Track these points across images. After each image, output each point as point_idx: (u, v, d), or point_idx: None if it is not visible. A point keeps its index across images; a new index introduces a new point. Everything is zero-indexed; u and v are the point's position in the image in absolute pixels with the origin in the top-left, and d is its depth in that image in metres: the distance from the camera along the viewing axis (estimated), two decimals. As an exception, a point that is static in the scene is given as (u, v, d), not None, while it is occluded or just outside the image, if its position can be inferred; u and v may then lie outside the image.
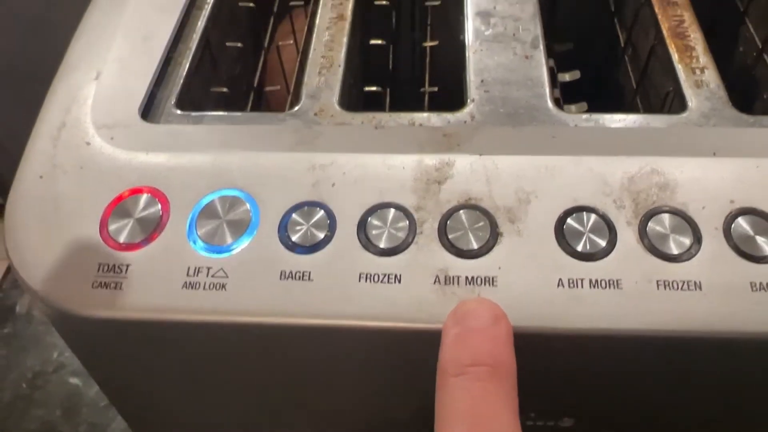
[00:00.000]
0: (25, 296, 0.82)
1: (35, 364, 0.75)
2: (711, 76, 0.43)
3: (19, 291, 0.82)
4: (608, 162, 0.36)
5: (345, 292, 0.33)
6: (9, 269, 0.85)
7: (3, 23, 1.00)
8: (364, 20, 0.56)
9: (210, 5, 0.50)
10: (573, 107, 0.60)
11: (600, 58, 0.64)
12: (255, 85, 0.55)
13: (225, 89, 0.50)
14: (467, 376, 0.28)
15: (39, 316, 0.79)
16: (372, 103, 0.57)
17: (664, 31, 0.47)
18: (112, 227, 0.36)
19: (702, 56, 0.45)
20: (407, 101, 0.56)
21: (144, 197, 0.37)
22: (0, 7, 0.99)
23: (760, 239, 0.33)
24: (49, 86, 0.45)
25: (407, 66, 0.62)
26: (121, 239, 0.36)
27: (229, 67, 0.55)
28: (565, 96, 0.61)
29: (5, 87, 1.01)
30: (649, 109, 0.53)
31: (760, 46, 0.56)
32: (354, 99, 0.53)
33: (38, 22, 1.04)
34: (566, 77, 0.64)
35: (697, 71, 0.44)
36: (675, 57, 0.45)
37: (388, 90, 0.57)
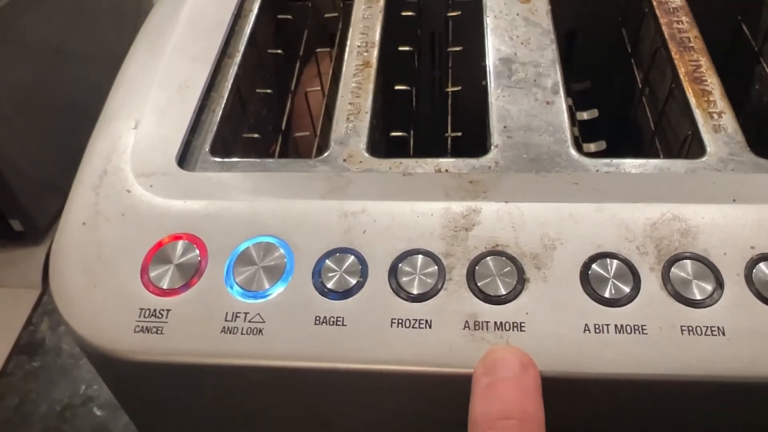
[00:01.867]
0: (53, 330, 0.84)
1: (63, 397, 0.77)
2: (728, 121, 0.44)
3: (48, 324, 0.84)
4: (630, 209, 0.37)
5: (377, 337, 0.35)
6: (38, 303, 0.87)
7: (21, 53, 1.03)
8: (388, 65, 0.58)
9: (240, 53, 0.53)
10: (592, 146, 0.62)
11: (617, 97, 0.66)
12: (282, 128, 0.57)
13: (256, 135, 0.52)
14: (497, 431, 0.29)
15: (67, 350, 0.80)
16: (396, 145, 0.59)
17: (681, 76, 0.48)
18: (152, 273, 0.38)
19: (719, 101, 0.46)
20: (430, 145, 0.58)
21: (182, 243, 0.39)
22: (18, 38, 1.02)
23: (781, 285, 0.34)
24: (67, 114, 0.47)
25: (430, 110, 0.64)
26: (162, 285, 0.37)
27: (258, 111, 0.57)
28: (584, 134, 0.63)
29: (23, 115, 1.04)
30: (667, 149, 0.54)
31: (776, 87, 0.57)
32: (378, 142, 0.54)
33: (55, 53, 1.07)
34: (584, 116, 0.65)
35: (715, 116, 0.45)
36: (693, 102, 0.46)
37: (411, 133, 0.59)
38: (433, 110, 0.68)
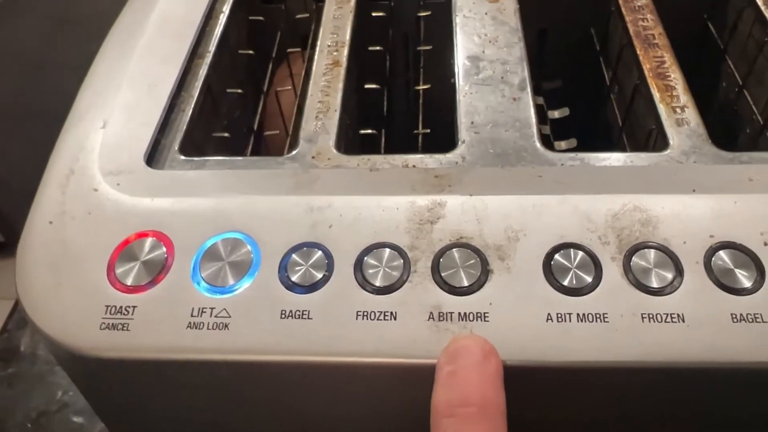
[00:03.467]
0: (29, 336, 0.83)
1: (39, 403, 0.76)
2: (691, 115, 0.45)
3: (23, 331, 0.83)
4: (592, 200, 0.38)
5: (343, 329, 0.35)
6: (13, 310, 0.86)
7: (4, 63, 1.03)
8: (360, 65, 0.59)
9: (211, 54, 0.53)
10: (563, 143, 0.62)
11: (588, 95, 0.66)
12: (255, 128, 0.57)
13: (226, 134, 0.52)
14: (457, 418, 0.29)
15: (43, 356, 0.80)
16: (369, 144, 0.59)
17: (646, 72, 0.49)
18: (119, 270, 0.38)
19: (682, 95, 0.47)
20: (402, 141, 0.58)
21: (149, 241, 0.39)
22: (1, 48, 1.02)
23: (739, 272, 0.35)
24: (49, 125, 0.47)
25: (402, 107, 0.64)
26: (128, 282, 0.37)
27: (230, 112, 0.57)
28: (556, 132, 0.64)
29: (5, 126, 1.03)
30: (635, 144, 0.55)
31: (741, 83, 0.58)
32: (351, 140, 0.55)
33: (38, 63, 1.07)
34: (555, 114, 0.66)
35: (678, 110, 0.46)
36: (657, 96, 0.47)
37: (383, 131, 0.59)
38: (408, 112, 0.69)
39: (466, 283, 0.35)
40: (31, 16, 1.06)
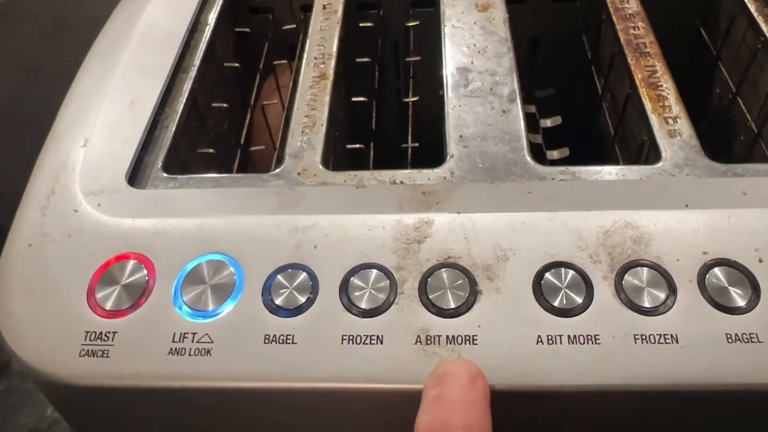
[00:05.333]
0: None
1: (29, 420, 0.75)
2: (684, 126, 0.44)
3: (13, 346, 0.83)
4: (583, 217, 0.37)
5: (328, 354, 0.34)
6: (4, 325, 0.85)
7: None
8: (348, 77, 0.58)
9: (196, 68, 0.52)
10: (555, 153, 0.61)
11: (581, 103, 0.66)
12: (242, 143, 0.56)
13: (211, 150, 0.51)
14: None
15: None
16: (358, 157, 0.58)
17: (638, 81, 0.48)
18: (99, 294, 0.37)
19: (674, 106, 0.46)
20: (392, 154, 0.57)
21: (130, 263, 0.38)
22: (-4, 57, 1.01)
23: (733, 290, 0.34)
24: (45, 135, 0.46)
25: (393, 119, 0.63)
26: (108, 306, 0.36)
27: (217, 126, 0.56)
28: (548, 141, 0.63)
29: (1, 133, 1.02)
30: (627, 154, 0.54)
31: (734, 90, 0.57)
32: (339, 154, 0.54)
33: (34, 70, 1.06)
34: (548, 123, 0.65)
35: (670, 121, 0.45)
36: (648, 107, 0.46)
37: (372, 144, 0.58)
38: (398, 124, 0.68)
39: (454, 305, 0.34)
40: (25, 23, 1.05)
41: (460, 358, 0.32)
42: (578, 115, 0.65)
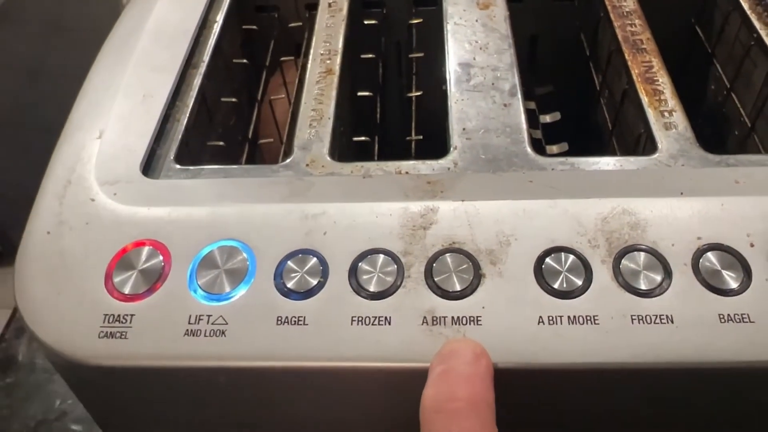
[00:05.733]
0: (26, 345, 0.83)
1: (38, 412, 0.76)
2: (679, 119, 0.46)
3: (20, 340, 0.84)
4: (582, 204, 0.38)
5: (338, 335, 0.35)
6: (11, 319, 0.86)
7: (0, 73, 1.03)
8: (353, 73, 0.59)
9: (205, 63, 0.53)
10: (555, 147, 0.63)
11: (579, 99, 0.67)
12: (249, 136, 0.58)
13: (221, 143, 0.52)
14: (445, 413, 0.30)
15: (41, 365, 0.80)
16: (363, 150, 0.60)
17: (635, 77, 0.50)
18: (116, 279, 0.38)
19: (670, 100, 0.48)
20: (396, 148, 0.59)
21: (146, 249, 0.39)
22: (-2, 58, 1.02)
23: (726, 273, 0.35)
24: (45, 133, 0.47)
25: (396, 114, 0.65)
26: (126, 290, 0.38)
27: (225, 120, 0.57)
28: (548, 136, 0.64)
29: (2, 134, 1.03)
30: (624, 148, 0.55)
31: (728, 86, 0.59)
32: (345, 147, 0.55)
33: (34, 71, 1.07)
34: (547, 119, 0.67)
35: (666, 114, 0.47)
36: (645, 101, 0.48)
37: (377, 138, 0.60)
38: (403, 118, 0.69)
39: (458, 288, 0.36)
40: (25, 24, 1.06)
41: (465, 337, 0.34)
42: (577, 111, 0.67)
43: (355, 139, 0.55)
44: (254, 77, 0.63)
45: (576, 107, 0.66)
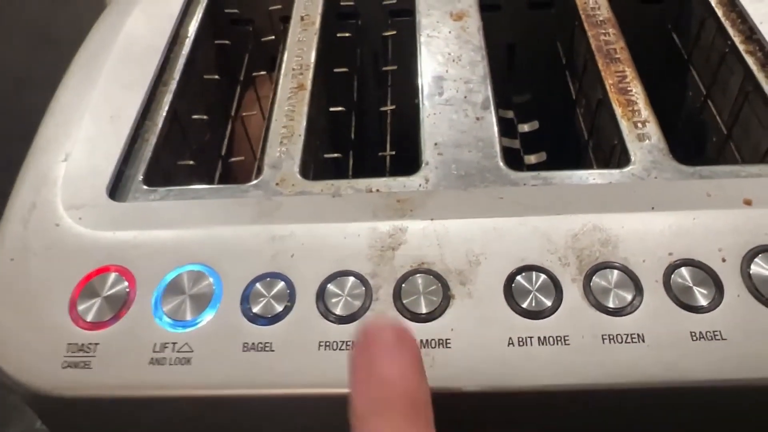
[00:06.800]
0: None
1: (18, 433, 0.75)
2: (652, 129, 0.46)
3: None
4: (553, 221, 0.38)
5: (305, 361, 0.35)
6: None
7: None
8: (328, 87, 0.59)
9: (176, 81, 0.53)
10: (533, 157, 0.63)
11: (557, 108, 0.67)
12: (223, 154, 0.57)
13: (191, 162, 0.52)
14: (381, 417, 0.26)
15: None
16: (339, 165, 0.59)
17: (608, 87, 0.49)
18: (80, 307, 0.37)
19: (644, 110, 0.47)
20: (372, 163, 0.58)
21: (111, 276, 0.38)
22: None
23: (697, 290, 0.35)
24: (30, 145, 0.46)
25: (373, 128, 0.64)
26: (90, 318, 0.37)
27: (198, 138, 0.57)
28: (527, 145, 0.64)
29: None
30: (601, 158, 0.55)
31: (705, 92, 0.58)
32: (321, 163, 0.55)
33: (21, 82, 1.06)
34: (525, 128, 0.66)
35: (639, 125, 0.46)
36: (618, 112, 0.47)
37: (351, 153, 0.59)
38: (379, 133, 0.69)
39: (427, 310, 0.35)
40: (12, 34, 1.05)
41: (383, 316, 0.32)
42: (555, 120, 0.66)
43: (327, 156, 0.55)
44: (228, 93, 0.62)
45: (555, 116, 0.66)
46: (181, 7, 0.58)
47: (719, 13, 0.55)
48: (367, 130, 0.62)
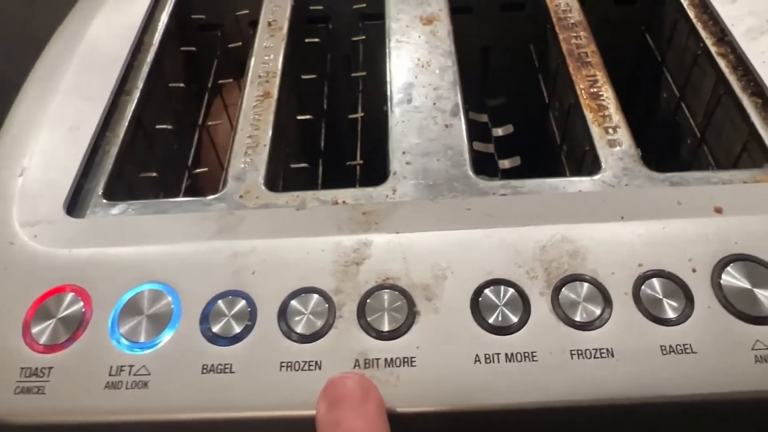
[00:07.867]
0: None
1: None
2: (623, 135, 0.45)
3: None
4: (520, 232, 0.37)
5: (266, 382, 0.33)
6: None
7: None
8: (297, 94, 0.58)
9: (140, 89, 0.51)
10: (507, 162, 0.62)
11: (532, 112, 0.66)
12: (190, 164, 0.56)
13: (155, 174, 0.50)
14: None
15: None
16: (310, 174, 0.58)
17: (579, 91, 0.49)
18: (34, 329, 0.36)
19: (614, 115, 0.46)
20: (342, 171, 0.57)
21: (67, 296, 0.37)
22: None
23: (667, 302, 0.34)
24: None
25: (344, 136, 0.63)
26: (43, 341, 0.36)
27: (165, 148, 0.55)
28: (501, 149, 0.63)
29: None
30: (573, 163, 0.54)
31: (678, 95, 0.58)
32: (290, 173, 0.53)
33: (4, 84, 1.04)
34: (500, 132, 0.65)
35: (611, 130, 0.45)
36: (589, 117, 0.46)
37: (321, 162, 0.58)
38: (347, 137, 0.68)
39: (392, 327, 0.34)
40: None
41: (349, 373, 0.32)
42: (530, 124, 0.66)
43: (293, 166, 0.54)
44: (196, 101, 0.60)
45: (529, 120, 0.65)
46: (145, 13, 0.56)
47: (691, 14, 0.54)
48: (337, 138, 0.61)
